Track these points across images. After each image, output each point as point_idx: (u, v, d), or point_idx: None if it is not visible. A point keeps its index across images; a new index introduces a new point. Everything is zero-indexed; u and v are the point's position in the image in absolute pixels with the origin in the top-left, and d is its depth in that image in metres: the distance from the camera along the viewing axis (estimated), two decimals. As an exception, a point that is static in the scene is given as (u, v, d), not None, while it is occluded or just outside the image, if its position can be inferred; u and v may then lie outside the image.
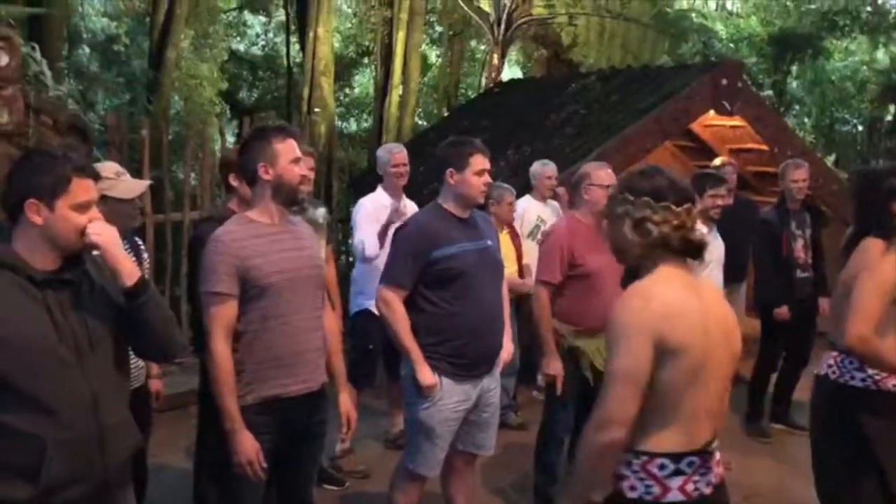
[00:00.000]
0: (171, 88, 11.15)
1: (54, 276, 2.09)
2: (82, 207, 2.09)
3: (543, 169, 5.84)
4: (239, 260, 2.73)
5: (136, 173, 6.13)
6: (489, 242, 3.46)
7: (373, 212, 4.78)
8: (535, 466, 4.34)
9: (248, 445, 2.71)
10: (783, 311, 5.29)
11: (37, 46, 4.15)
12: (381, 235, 4.61)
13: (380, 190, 4.95)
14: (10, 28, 3.78)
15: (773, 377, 5.59)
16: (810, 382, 5.73)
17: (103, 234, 2.11)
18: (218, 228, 2.86)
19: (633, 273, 2.26)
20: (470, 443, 3.56)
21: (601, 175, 4.09)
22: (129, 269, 2.16)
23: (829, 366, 3.21)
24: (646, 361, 2.04)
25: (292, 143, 2.83)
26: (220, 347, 2.73)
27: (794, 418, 5.60)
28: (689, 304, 2.10)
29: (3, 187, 2.09)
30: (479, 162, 3.35)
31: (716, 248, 4.73)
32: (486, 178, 3.39)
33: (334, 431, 4.77)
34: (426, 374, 3.31)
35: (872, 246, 3.00)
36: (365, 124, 18.74)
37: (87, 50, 15.60)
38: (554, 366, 4.06)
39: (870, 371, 3.04)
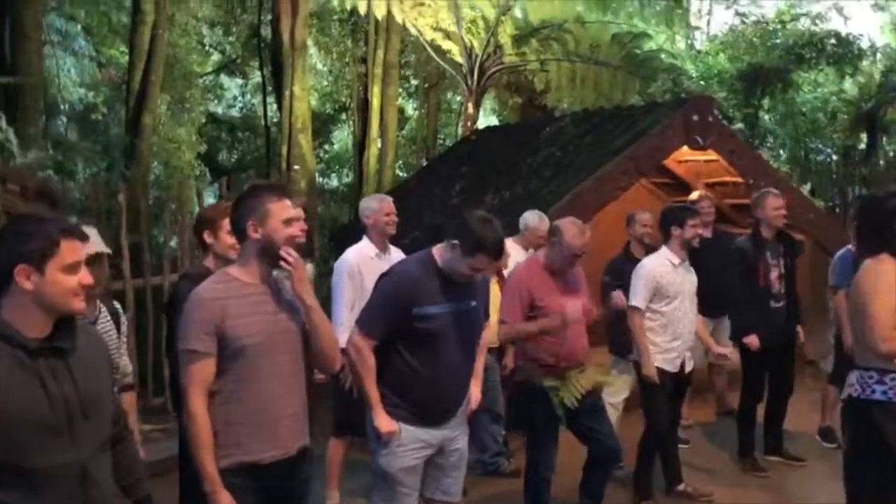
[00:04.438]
0: (149, 154, 11.18)
1: (47, 343, 2.06)
2: (72, 268, 2.06)
3: (539, 224, 5.56)
4: (217, 318, 2.68)
5: (115, 240, 6.15)
6: (473, 304, 3.41)
7: (356, 266, 4.65)
8: (527, 510, 4.30)
9: None
10: (752, 340, 5.27)
11: (3, 115, 4.14)
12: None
13: (365, 241, 4.81)
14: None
15: (759, 408, 5.54)
16: (800, 412, 5.79)
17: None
18: (199, 285, 2.81)
19: None
20: (436, 489, 3.50)
21: (573, 240, 4.19)
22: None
23: (851, 385, 3.30)
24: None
25: (286, 203, 2.77)
26: (198, 407, 2.67)
27: (788, 449, 5.55)
28: None
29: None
30: (483, 262, 3.26)
31: (688, 281, 4.79)
32: (482, 272, 3.35)
33: (322, 489, 4.74)
34: (383, 421, 3.29)
35: (878, 266, 3.18)
36: (346, 179, 18.84)
37: (65, 120, 15.69)
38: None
39: (889, 383, 3.15)
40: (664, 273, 4.72)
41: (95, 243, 3.15)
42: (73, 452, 2.06)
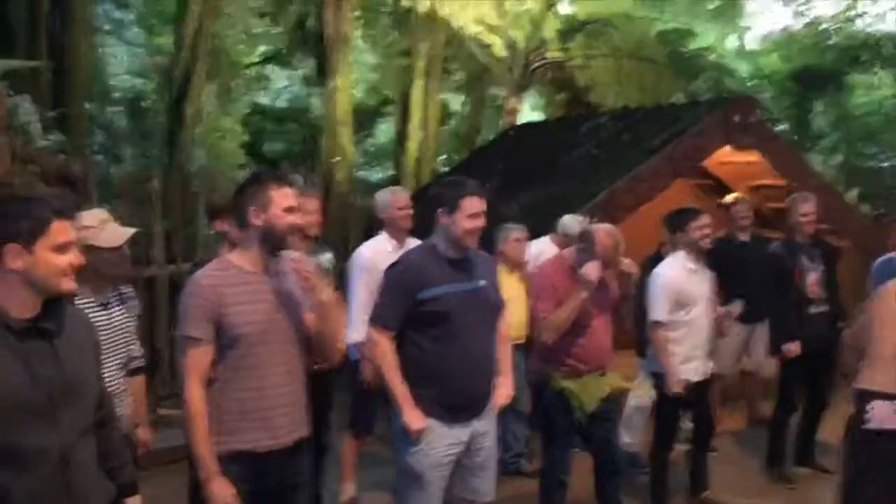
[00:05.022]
0: (190, 142, 11.30)
1: (33, 324, 2.05)
2: (62, 248, 2.06)
3: (574, 224, 5.42)
4: (214, 305, 2.67)
5: (148, 226, 6.20)
6: (481, 283, 3.36)
7: (370, 261, 4.57)
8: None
9: (219, 494, 2.65)
10: (792, 348, 5.11)
11: (28, 97, 4.19)
12: None
13: (382, 235, 4.77)
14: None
15: (793, 418, 5.38)
16: (834, 423, 5.60)
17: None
18: (197, 271, 2.81)
19: None
20: (465, 489, 3.45)
21: (604, 250, 4.06)
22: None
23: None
24: None
25: (288, 191, 2.77)
26: (194, 393, 2.68)
27: (820, 461, 5.39)
28: None
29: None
30: (472, 205, 3.26)
31: (703, 282, 4.61)
32: (479, 221, 3.29)
33: (335, 482, 4.73)
34: (414, 418, 3.23)
35: None
36: (388, 173, 18.87)
37: (114, 107, 16.01)
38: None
39: None
40: (681, 280, 4.53)
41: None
42: (55, 436, 2.04)
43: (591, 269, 3.92)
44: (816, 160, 12.43)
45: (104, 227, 3.09)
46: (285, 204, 2.74)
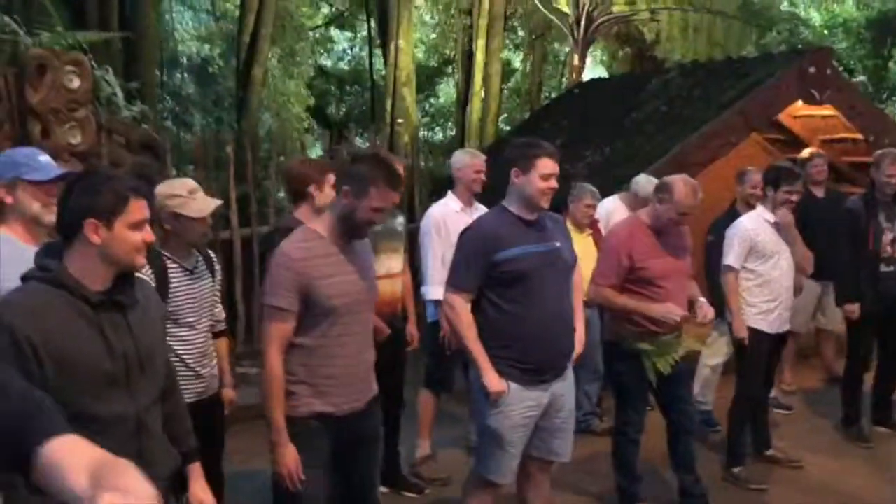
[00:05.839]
0: (258, 106, 11.46)
1: (108, 297, 2.12)
2: (138, 226, 2.12)
3: (648, 185, 5.23)
4: (304, 278, 2.74)
5: (224, 191, 6.37)
6: (557, 244, 3.38)
7: (441, 220, 4.63)
8: (614, 469, 4.28)
9: (289, 459, 2.77)
10: (853, 309, 5.02)
11: (110, 69, 4.32)
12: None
13: (450, 195, 4.79)
14: (84, 53, 3.94)
15: (867, 376, 5.29)
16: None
17: None
18: (285, 241, 2.87)
19: None
20: (545, 449, 3.50)
21: (684, 198, 3.96)
22: None
23: None
24: None
25: (389, 195, 2.78)
26: (274, 360, 2.77)
27: (898, 420, 5.31)
28: None
29: (59, 207, 2.13)
30: (546, 165, 3.27)
31: (782, 238, 4.59)
32: (553, 182, 3.29)
33: (413, 438, 4.84)
34: (493, 380, 3.27)
35: None
36: (450, 133, 18.85)
37: (184, 73, 16.28)
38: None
39: None
40: (760, 231, 4.53)
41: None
42: (131, 404, 2.14)
43: (674, 311, 3.90)
44: (893, 112, 11.97)
45: (194, 197, 3.16)
46: (377, 204, 2.77)
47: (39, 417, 1.38)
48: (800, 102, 6.68)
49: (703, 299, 4.25)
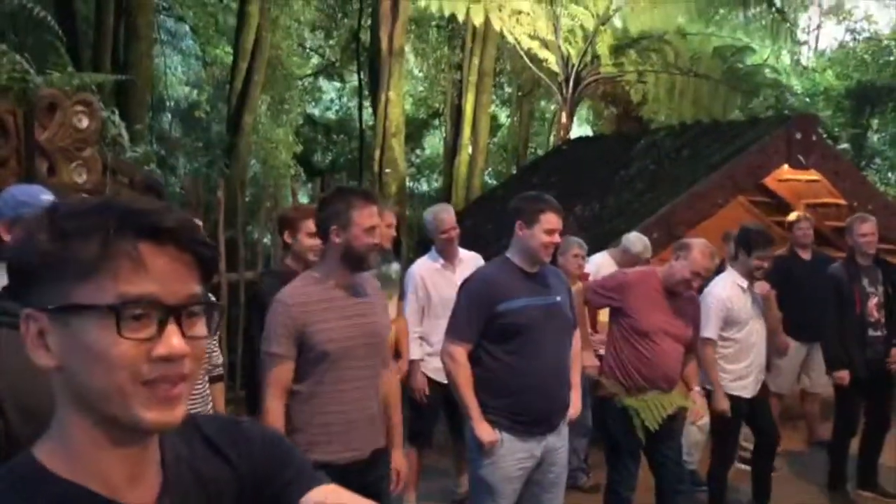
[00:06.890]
0: (247, 152, 11.51)
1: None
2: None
3: (642, 250, 5.47)
4: (298, 323, 2.74)
5: (213, 234, 6.35)
6: (558, 299, 3.39)
7: (419, 279, 4.69)
8: (604, 529, 4.23)
9: None
10: (843, 375, 5.04)
11: (116, 111, 4.35)
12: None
13: (433, 251, 4.85)
14: (92, 94, 3.97)
15: (853, 440, 5.29)
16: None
17: None
18: (284, 288, 2.86)
19: None
20: None
21: (701, 258, 3.98)
22: None
23: None
24: None
25: (371, 210, 2.79)
26: (274, 406, 2.76)
27: (882, 485, 5.29)
28: None
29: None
30: (550, 220, 3.29)
31: (756, 303, 4.63)
32: (556, 238, 3.32)
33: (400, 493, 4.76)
34: (484, 430, 3.26)
35: None
36: (436, 184, 18.99)
37: (170, 116, 16.34)
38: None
39: None
40: (734, 298, 4.51)
41: None
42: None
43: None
44: (873, 178, 12.21)
45: None
46: (366, 224, 2.77)
47: None
48: (786, 166, 6.79)
49: (697, 388, 4.28)
